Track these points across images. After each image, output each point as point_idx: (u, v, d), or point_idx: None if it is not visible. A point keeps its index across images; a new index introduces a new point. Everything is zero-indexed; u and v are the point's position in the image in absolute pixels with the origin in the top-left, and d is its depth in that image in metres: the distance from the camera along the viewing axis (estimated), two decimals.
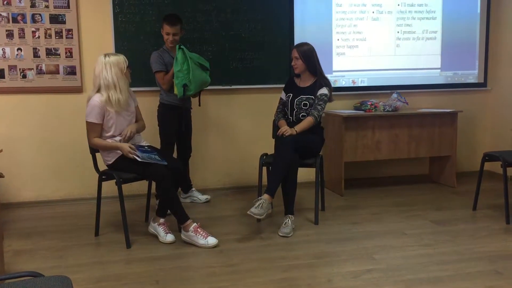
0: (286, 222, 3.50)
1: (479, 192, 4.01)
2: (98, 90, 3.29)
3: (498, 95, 5.21)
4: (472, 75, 5.23)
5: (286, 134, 3.56)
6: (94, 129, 3.29)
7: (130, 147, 3.24)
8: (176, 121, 4.07)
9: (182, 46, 3.79)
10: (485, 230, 3.53)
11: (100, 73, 3.26)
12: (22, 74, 4.25)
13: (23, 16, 4.20)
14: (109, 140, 3.32)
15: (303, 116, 3.73)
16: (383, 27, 4.96)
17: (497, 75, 5.21)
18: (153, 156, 3.28)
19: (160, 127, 4.11)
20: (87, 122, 3.30)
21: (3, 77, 4.22)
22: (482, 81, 5.25)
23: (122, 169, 3.31)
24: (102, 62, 3.27)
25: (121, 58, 3.31)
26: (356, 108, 4.78)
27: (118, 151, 3.30)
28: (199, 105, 4.13)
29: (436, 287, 2.61)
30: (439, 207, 4.14)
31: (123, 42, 4.35)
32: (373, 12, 4.93)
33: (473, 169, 4.93)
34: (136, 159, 3.21)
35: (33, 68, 4.27)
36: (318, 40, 4.56)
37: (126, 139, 3.33)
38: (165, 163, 3.26)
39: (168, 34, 3.95)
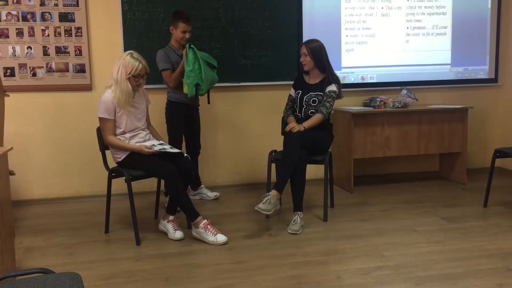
0: (295, 219, 3.50)
1: (490, 188, 3.98)
2: (111, 86, 3.31)
3: (509, 91, 5.16)
4: (482, 70, 5.18)
5: (294, 131, 3.55)
6: (106, 125, 3.30)
7: (146, 147, 3.30)
8: (183, 119, 4.08)
9: (192, 46, 3.79)
10: (496, 227, 3.50)
11: (114, 67, 3.30)
12: (32, 72, 4.28)
13: (33, 14, 4.23)
14: (121, 138, 3.34)
15: (312, 112, 3.72)
16: (392, 23, 4.93)
17: (508, 71, 5.15)
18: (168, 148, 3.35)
19: (168, 124, 4.12)
20: (98, 118, 3.32)
21: (14, 75, 4.25)
22: (492, 76, 5.20)
23: (132, 166, 3.33)
24: (120, 58, 3.31)
25: (133, 65, 3.26)
26: (365, 105, 4.75)
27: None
28: (208, 102, 4.13)
29: (447, 284, 2.59)
30: (449, 204, 4.11)
31: (132, 39, 4.36)
32: (382, 8, 4.89)
33: (483, 166, 4.88)
34: (155, 152, 3.27)
35: (43, 66, 4.30)
36: (327, 36, 4.55)
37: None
38: (183, 154, 3.31)
39: (184, 32, 3.95)
